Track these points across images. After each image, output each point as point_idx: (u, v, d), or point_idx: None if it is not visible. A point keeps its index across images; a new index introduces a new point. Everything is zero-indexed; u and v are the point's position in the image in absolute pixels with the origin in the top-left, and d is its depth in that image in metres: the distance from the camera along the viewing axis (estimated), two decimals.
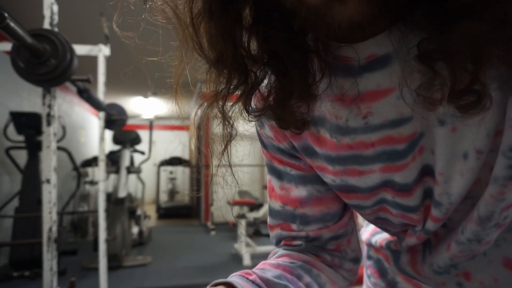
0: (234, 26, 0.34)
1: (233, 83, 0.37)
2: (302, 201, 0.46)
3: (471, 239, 0.37)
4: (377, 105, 0.34)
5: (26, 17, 3.15)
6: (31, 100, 4.21)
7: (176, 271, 3.59)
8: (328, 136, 0.39)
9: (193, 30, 0.35)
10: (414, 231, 0.43)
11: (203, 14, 0.34)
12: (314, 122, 0.40)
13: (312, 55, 0.35)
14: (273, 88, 0.37)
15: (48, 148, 1.37)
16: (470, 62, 0.26)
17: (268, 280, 0.39)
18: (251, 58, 0.36)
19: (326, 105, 0.37)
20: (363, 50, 0.33)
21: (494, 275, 0.41)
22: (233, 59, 0.35)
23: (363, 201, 0.42)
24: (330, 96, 0.37)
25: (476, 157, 0.32)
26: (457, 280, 0.44)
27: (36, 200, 3.23)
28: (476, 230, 0.36)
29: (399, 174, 0.37)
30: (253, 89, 0.38)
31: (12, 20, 0.94)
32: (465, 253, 0.39)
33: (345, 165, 0.39)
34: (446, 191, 0.35)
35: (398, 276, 0.54)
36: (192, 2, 0.34)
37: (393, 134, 0.35)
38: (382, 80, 0.33)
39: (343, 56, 0.34)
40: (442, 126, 0.32)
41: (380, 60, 0.32)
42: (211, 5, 0.33)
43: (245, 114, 0.39)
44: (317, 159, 0.42)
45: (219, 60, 0.36)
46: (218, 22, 0.34)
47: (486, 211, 0.34)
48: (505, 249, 0.41)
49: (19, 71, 1.20)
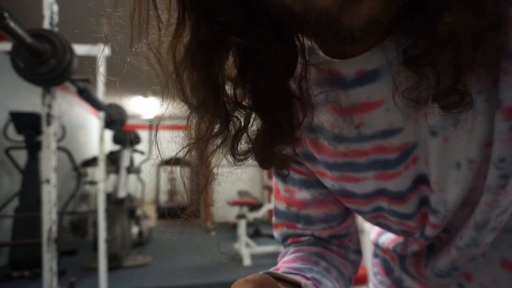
0: (216, 73, 0.34)
1: (215, 129, 0.37)
2: (306, 203, 0.48)
3: (470, 244, 0.38)
4: (368, 116, 0.36)
5: (26, 17, 3.15)
6: (31, 100, 4.20)
7: (176, 271, 3.59)
8: (326, 143, 0.40)
9: (176, 77, 0.35)
10: (414, 238, 0.44)
11: (186, 61, 0.34)
12: (312, 130, 0.41)
13: (295, 100, 0.37)
14: (259, 133, 0.38)
15: (48, 148, 1.37)
16: (453, 65, 0.27)
17: (294, 267, 0.42)
18: (236, 105, 0.37)
19: (323, 114, 0.39)
20: (353, 65, 0.34)
21: (493, 275, 0.42)
22: (215, 105, 0.35)
23: (361, 206, 0.44)
24: (326, 106, 0.38)
25: (468, 167, 0.33)
26: (458, 281, 0.45)
27: (36, 200, 3.23)
28: (474, 235, 0.37)
29: (392, 182, 0.38)
30: (238, 134, 0.38)
31: (12, 20, 0.94)
32: (465, 257, 0.40)
33: (341, 171, 0.41)
34: (442, 199, 0.36)
35: (404, 275, 0.54)
36: (175, 49, 0.34)
37: (384, 144, 0.36)
38: (372, 93, 0.34)
39: (335, 70, 0.36)
40: (434, 137, 0.33)
41: (369, 74, 0.34)
42: (194, 53, 0.33)
43: (230, 158, 0.40)
44: (317, 164, 0.44)
45: (201, 106, 0.36)
46: (200, 70, 0.34)
47: (483, 218, 0.35)
48: (502, 250, 0.42)
49: (19, 71, 1.20)
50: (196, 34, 0.33)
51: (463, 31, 0.25)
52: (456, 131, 0.32)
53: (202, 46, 0.33)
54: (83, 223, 4.84)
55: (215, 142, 0.38)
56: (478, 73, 0.28)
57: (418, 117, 0.33)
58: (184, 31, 0.33)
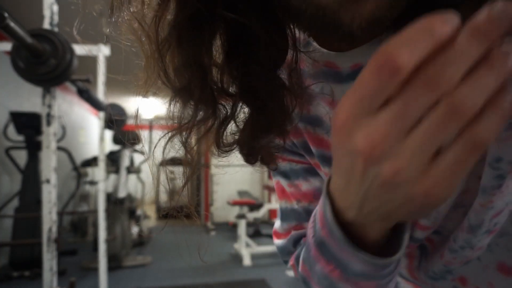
0: (203, 53, 0.32)
1: (199, 116, 0.35)
2: (316, 194, 0.46)
3: (464, 247, 0.37)
4: None
5: (26, 17, 3.15)
6: (31, 100, 4.20)
7: (176, 271, 3.58)
8: (325, 136, 0.39)
9: (159, 56, 0.32)
10: None
11: (171, 40, 0.32)
12: (310, 122, 0.40)
13: (285, 90, 0.35)
14: (247, 123, 0.36)
15: (48, 148, 1.37)
16: None
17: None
18: (222, 91, 0.34)
19: (321, 107, 0.38)
20: (349, 59, 0.33)
21: (489, 279, 0.42)
22: (201, 90, 0.33)
23: None
24: (323, 99, 0.37)
25: None
26: (453, 285, 0.44)
27: (36, 200, 3.23)
28: (468, 237, 0.36)
29: None
30: (224, 123, 0.36)
31: (12, 20, 0.94)
32: (459, 259, 0.39)
33: None
34: None
35: (398, 277, 0.54)
36: (158, 24, 0.32)
37: None
38: None
39: (331, 63, 0.35)
40: None
41: None
42: (180, 30, 0.31)
43: (215, 149, 0.37)
44: (313, 157, 0.43)
45: (185, 90, 0.33)
46: (186, 49, 0.32)
47: (477, 219, 0.34)
48: (498, 254, 0.41)
49: (19, 71, 1.20)
50: (182, 8, 0.30)
51: None
52: None
53: (189, 22, 0.30)
54: (83, 223, 4.83)
55: (200, 131, 0.36)
56: None
57: None
58: (169, 3, 0.31)
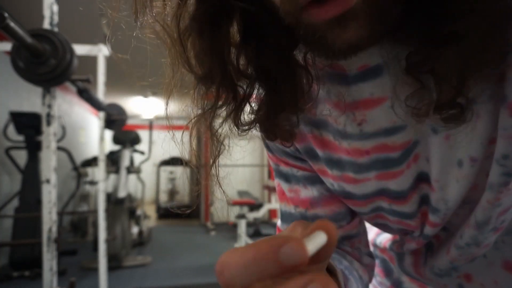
0: (222, 42, 0.34)
1: (221, 99, 0.37)
2: (313, 201, 0.46)
3: (470, 244, 0.37)
4: (371, 113, 0.35)
5: (26, 17, 3.15)
6: (31, 100, 4.20)
7: (176, 271, 3.59)
8: (332, 138, 0.39)
9: (181, 45, 0.35)
10: (413, 236, 0.43)
11: (190, 30, 0.34)
12: (316, 125, 0.40)
13: (301, 69, 0.36)
14: (262, 102, 0.38)
15: (48, 148, 1.37)
16: (455, 78, 0.27)
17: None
18: (240, 73, 0.36)
19: (326, 110, 0.38)
20: (355, 61, 0.33)
21: (494, 277, 0.42)
22: (221, 75, 0.35)
23: (360, 207, 0.43)
24: (328, 102, 0.38)
25: (470, 165, 0.32)
26: (458, 281, 0.44)
27: (36, 200, 3.23)
28: (474, 234, 0.36)
29: (394, 182, 0.38)
30: (242, 104, 0.38)
31: (12, 20, 0.94)
32: (465, 256, 0.39)
33: (342, 170, 0.40)
34: (443, 197, 0.36)
35: (403, 276, 0.54)
36: (179, 18, 0.34)
37: (387, 142, 0.36)
38: (375, 90, 0.34)
39: (337, 65, 0.35)
40: (435, 134, 0.33)
41: (372, 70, 0.33)
42: (199, 21, 0.33)
43: (234, 129, 0.39)
44: (318, 162, 0.43)
45: (207, 76, 0.36)
46: (206, 38, 0.34)
47: (483, 216, 0.34)
48: (504, 252, 0.41)
49: (19, 71, 1.20)
50: (201, 2, 0.33)
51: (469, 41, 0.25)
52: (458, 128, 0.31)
53: (208, 14, 0.33)
54: (83, 223, 4.83)
55: (221, 113, 0.38)
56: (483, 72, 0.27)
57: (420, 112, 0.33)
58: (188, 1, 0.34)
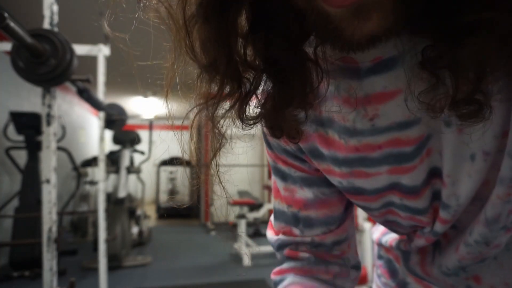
0: (229, 30, 0.33)
1: (226, 90, 0.36)
2: (307, 203, 0.46)
3: (479, 241, 0.37)
4: (384, 107, 0.34)
5: (26, 17, 3.14)
6: (31, 100, 4.20)
7: (176, 271, 3.59)
8: (337, 137, 0.38)
9: (186, 32, 0.33)
10: (422, 232, 0.42)
11: (197, 17, 0.32)
12: (322, 123, 0.39)
13: (310, 63, 0.35)
14: (269, 96, 0.36)
15: (48, 148, 1.37)
16: (473, 73, 0.26)
17: None
18: (247, 64, 0.35)
19: (333, 107, 0.37)
20: (368, 53, 0.32)
21: (505, 279, 0.41)
22: (226, 65, 0.33)
23: (370, 203, 0.42)
24: (336, 98, 0.36)
25: (483, 159, 0.32)
26: (467, 283, 0.44)
27: (36, 200, 3.23)
28: (483, 232, 0.35)
29: (407, 177, 0.37)
30: (247, 97, 0.36)
31: (12, 20, 0.94)
32: (473, 255, 0.39)
33: (352, 167, 0.39)
34: (454, 192, 0.35)
35: (409, 277, 0.53)
36: (185, 3, 0.32)
37: (401, 137, 0.34)
38: (389, 83, 0.32)
39: (349, 58, 0.34)
40: (448, 128, 0.32)
41: (386, 62, 0.32)
42: (206, 8, 0.32)
43: (238, 122, 0.38)
44: (323, 161, 0.42)
45: (212, 66, 0.34)
46: (212, 26, 0.32)
47: (493, 212, 0.33)
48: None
49: (19, 71, 1.20)
50: None
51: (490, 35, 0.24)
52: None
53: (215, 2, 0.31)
54: (83, 223, 4.83)
55: (225, 105, 0.37)
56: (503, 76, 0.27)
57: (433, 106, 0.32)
58: None
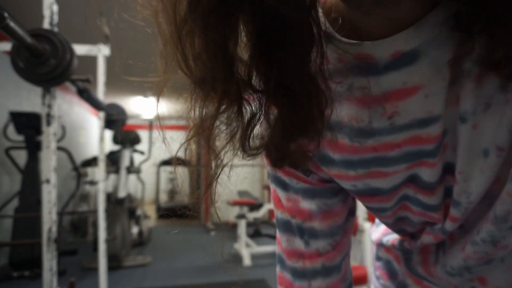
0: (230, 40, 0.29)
1: (223, 112, 0.31)
2: (311, 214, 0.44)
3: (486, 240, 0.36)
4: (404, 104, 0.32)
5: (26, 17, 3.14)
6: (31, 100, 4.20)
7: (176, 271, 3.59)
8: (348, 141, 0.36)
9: (178, 41, 0.29)
10: (432, 229, 0.42)
11: (192, 24, 0.28)
12: (331, 128, 0.37)
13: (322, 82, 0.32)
14: (277, 122, 0.33)
15: (48, 148, 1.37)
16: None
17: None
18: (249, 86, 0.30)
19: (345, 109, 0.35)
20: (387, 47, 0.30)
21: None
22: (225, 82, 0.29)
23: (385, 202, 0.41)
24: (349, 99, 0.34)
25: (497, 155, 0.31)
26: (472, 284, 0.43)
27: (36, 200, 3.23)
28: (491, 230, 0.35)
29: (427, 173, 0.36)
30: (251, 124, 0.32)
31: (12, 20, 0.94)
32: (479, 255, 0.38)
33: (369, 168, 0.38)
34: (465, 189, 0.34)
35: (409, 279, 0.52)
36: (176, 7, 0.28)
37: (421, 134, 0.33)
38: (409, 78, 0.30)
39: (365, 54, 0.32)
40: (463, 124, 0.31)
41: (407, 56, 0.30)
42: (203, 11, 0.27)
43: (240, 152, 0.34)
44: (333, 167, 0.40)
45: (208, 82, 0.30)
46: (209, 34, 0.28)
47: (503, 210, 0.33)
48: None
49: (19, 71, 1.20)
50: None
51: None
52: (486, 116, 0.29)
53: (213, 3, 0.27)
54: (83, 223, 4.84)
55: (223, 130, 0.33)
56: None
57: (450, 101, 0.31)
58: None
